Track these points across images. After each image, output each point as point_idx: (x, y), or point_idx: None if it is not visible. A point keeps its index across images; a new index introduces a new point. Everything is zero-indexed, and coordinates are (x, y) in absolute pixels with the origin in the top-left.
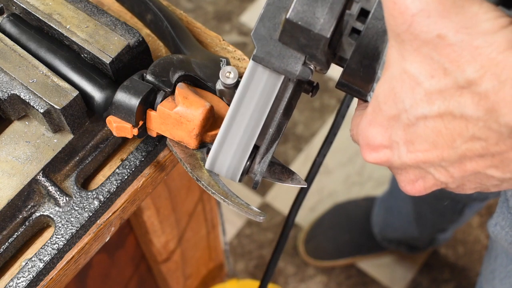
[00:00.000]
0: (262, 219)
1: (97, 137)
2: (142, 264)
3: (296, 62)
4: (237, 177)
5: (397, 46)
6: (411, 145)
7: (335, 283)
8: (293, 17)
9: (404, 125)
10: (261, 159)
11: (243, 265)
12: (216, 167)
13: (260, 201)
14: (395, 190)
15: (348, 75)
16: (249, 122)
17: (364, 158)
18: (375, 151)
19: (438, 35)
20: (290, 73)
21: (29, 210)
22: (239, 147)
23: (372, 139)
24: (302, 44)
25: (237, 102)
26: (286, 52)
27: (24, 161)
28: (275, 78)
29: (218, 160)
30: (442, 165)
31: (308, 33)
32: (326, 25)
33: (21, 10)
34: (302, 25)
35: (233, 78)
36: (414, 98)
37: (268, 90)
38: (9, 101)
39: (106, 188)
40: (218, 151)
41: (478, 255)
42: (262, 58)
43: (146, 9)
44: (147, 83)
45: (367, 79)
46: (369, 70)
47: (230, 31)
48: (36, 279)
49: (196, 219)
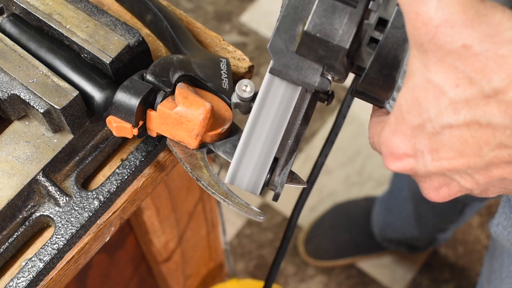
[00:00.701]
0: (262, 219)
1: (97, 137)
2: (142, 264)
3: (314, 74)
4: (258, 190)
5: (419, 56)
6: (436, 153)
7: (335, 283)
8: (311, 29)
9: (429, 134)
10: (281, 171)
11: (243, 265)
12: (236, 181)
13: (260, 201)
14: (395, 190)
15: (367, 84)
16: (268, 135)
17: (387, 167)
18: (398, 160)
19: (463, 45)
20: (308, 85)
21: (29, 210)
22: (259, 160)
23: (396, 148)
24: (320, 55)
25: (255, 115)
26: (304, 63)
27: (24, 161)
28: (293, 90)
29: (238, 174)
30: (468, 172)
31: (327, 45)
32: (344, 36)
33: (21, 10)
34: (320, 37)
35: (249, 92)
36: (439, 108)
37: (285, 102)
38: (9, 101)
39: (106, 188)
40: (238, 165)
41: (478, 255)
42: (280, 70)
43: (146, 9)
44: (147, 83)
45: (386, 88)
46: (389, 79)
47: (230, 31)
48: (36, 279)
49: (196, 219)
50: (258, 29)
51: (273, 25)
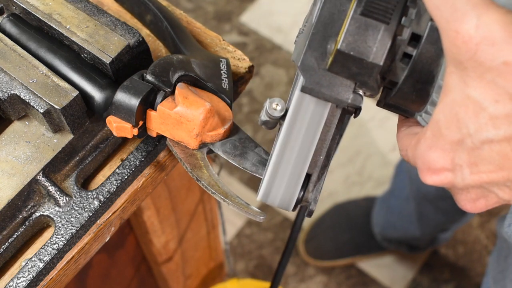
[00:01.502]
0: (262, 219)
1: (97, 137)
2: (142, 264)
3: (347, 90)
4: (291, 207)
5: (458, 73)
6: (475, 167)
7: (335, 283)
8: (345, 47)
9: (468, 148)
10: (313, 187)
11: (243, 265)
12: (269, 199)
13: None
14: (397, 189)
15: (399, 98)
16: (300, 152)
17: (423, 180)
18: (436, 174)
19: (503, 62)
20: (341, 102)
21: (29, 210)
22: (292, 178)
23: (433, 163)
24: (353, 72)
25: (286, 133)
26: (336, 80)
27: (24, 161)
28: (323, 107)
29: (272, 192)
30: (507, 184)
31: (361, 62)
32: (378, 53)
33: (21, 10)
34: (354, 55)
35: (280, 110)
36: (478, 123)
37: (316, 119)
38: (9, 101)
39: (106, 188)
40: (271, 183)
41: (478, 255)
42: (312, 89)
43: (146, 10)
44: (147, 83)
45: (419, 102)
46: (422, 93)
47: (230, 31)
48: (36, 279)
49: (196, 219)
50: (258, 29)
51: (273, 25)
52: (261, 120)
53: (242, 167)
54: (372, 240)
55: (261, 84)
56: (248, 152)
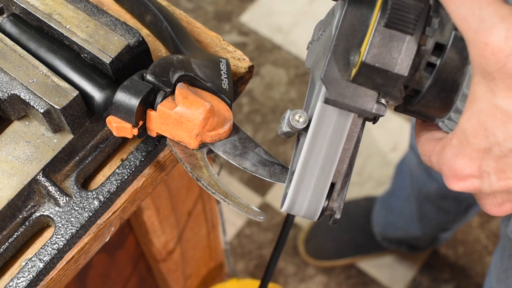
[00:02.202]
0: (262, 219)
1: (97, 137)
2: (142, 264)
3: (370, 100)
4: (316, 217)
5: (486, 83)
6: (503, 173)
7: (335, 283)
8: (370, 59)
9: (496, 156)
10: (338, 196)
11: (243, 265)
12: (294, 210)
13: (260, 201)
14: (397, 189)
15: (422, 106)
16: (323, 162)
17: (449, 187)
18: (462, 181)
19: None
20: (365, 112)
21: (29, 210)
22: (317, 188)
23: (460, 170)
24: (378, 83)
25: (309, 145)
26: (359, 91)
27: (24, 161)
28: (346, 117)
29: (297, 202)
30: None
31: (386, 74)
32: (403, 64)
33: (21, 10)
34: (379, 66)
35: (303, 123)
36: (507, 132)
37: (339, 130)
38: (9, 101)
39: (106, 188)
40: (296, 194)
41: (478, 255)
42: (335, 101)
43: (146, 10)
44: (147, 83)
45: (442, 109)
46: (446, 101)
47: (230, 31)
48: (36, 279)
49: (196, 219)
50: (258, 29)
51: (273, 25)
52: (282, 131)
53: (242, 167)
54: (372, 240)
55: (261, 84)
56: (248, 152)
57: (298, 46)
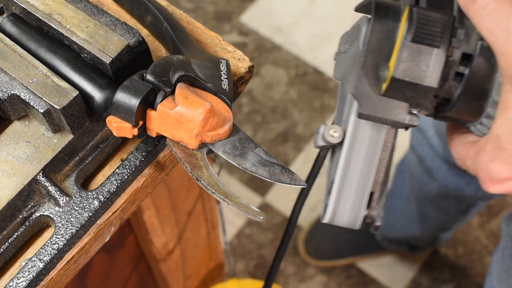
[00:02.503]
0: (262, 219)
1: (97, 137)
2: (142, 264)
3: (402, 112)
4: (357, 226)
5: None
6: None
7: (335, 283)
8: (400, 74)
9: None
10: (376, 204)
11: (243, 265)
12: (336, 220)
13: (260, 201)
14: (397, 189)
15: (454, 113)
16: (361, 173)
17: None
18: (499, 184)
19: None
20: (398, 124)
21: (29, 210)
22: (356, 199)
23: (496, 174)
24: (408, 96)
25: (346, 158)
26: (391, 104)
27: (24, 161)
28: (380, 129)
29: (338, 214)
30: None
31: (416, 87)
32: (432, 76)
33: (21, 10)
34: (409, 80)
35: (338, 138)
36: None
37: (374, 142)
38: (9, 101)
39: (106, 188)
40: (337, 206)
41: (478, 255)
42: (368, 115)
43: (146, 11)
44: (147, 83)
45: (473, 115)
46: (476, 108)
47: (230, 31)
48: (36, 279)
49: (196, 219)
50: (258, 29)
51: (273, 25)
52: (318, 145)
53: (242, 167)
54: (372, 240)
55: (261, 84)
56: (248, 153)
57: (298, 46)
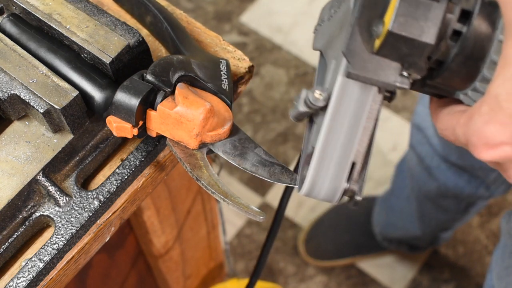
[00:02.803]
0: (262, 219)
1: (97, 137)
2: (142, 263)
3: (394, 73)
4: (336, 199)
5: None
6: None
7: (335, 283)
8: (396, 28)
9: None
10: (358, 176)
11: (243, 265)
12: (314, 193)
13: (260, 201)
14: (397, 189)
15: (445, 78)
16: (345, 140)
17: (478, 157)
18: (493, 149)
19: None
20: (388, 85)
21: (29, 210)
22: (337, 168)
23: (491, 137)
24: (403, 54)
25: (330, 121)
26: (383, 64)
27: (24, 161)
28: (367, 91)
29: (317, 185)
30: None
31: (412, 43)
32: (430, 32)
33: (21, 10)
34: (405, 35)
35: (324, 99)
36: None
37: (360, 105)
38: (9, 101)
39: (106, 188)
40: (316, 176)
41: (478, 255)
42: (358, 74)
43: (146, 11)
44: (147, 83)
45: (467, 80)
46: (473, 70)
47: (230, 31)
48: (36, 279)
49: (196, 219)
50: (258, 29)
51: (273, 25)
52: (298, 111)
53: (242, 167)
54: (372, 240)
55: (261, 84)
56: (248, 153)
57: (298, 46)
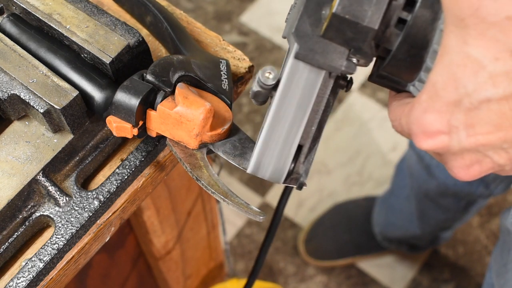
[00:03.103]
0: (262, 219)
1: (97, 137)
2: (142, 263)
3: (340, 57)
4: (282, 179)
5: (457, 32)
6: (472, 128)
7: (335, 283)
8: (340, 11)
9: (466, 109)
10: (305, 159)
11: (243, 265)
12: (260, 171)
13: (260, 201)
14: (397, 189)
15: (392, 66)
16: (292, 121)
17: (418, 146)
18: (431, 138)
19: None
20: (334, 69)
21: (29, 210)
22: (283, 148)
23: (429, 126)
24: (348, 38)
25: (278, 102)
26: (330, 47)
27: (24, 161)
28: (316, 75)
29: (262, 163)
30: (504, 147)
31: (356, 26)
32: (374, 17)
33: (21, 10)
34: (349, 18)
35: (273, 79)
36: (477, 82)
37: (309, 88)
38: (9, 101)
39: (106, 188)
40: (262, 155)
41: (478, 255)
42: (306, 55)
43: (146, 11)
44: (147, 83)
45: (413, 69)
46: (417, 59)
47: (230, 31)
48: (36, 279)
49: (196, 219)
50: (258, 29)
51: (273, 25)
52: (253, 91)
53: (242, 167)
54: (372, 240)
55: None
56: (248, 152)
57: None
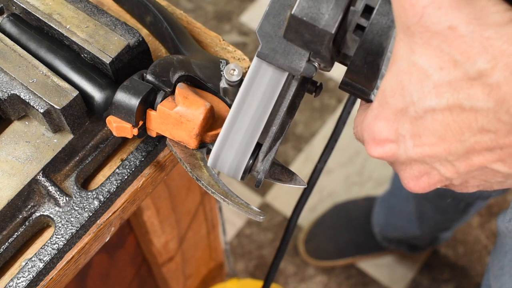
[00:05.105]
0: (262, 219)
1: (97, 137)
2: (142, 264)
3: (301, 59)
4: (239, 175)
5: (405, 40)
6: (418, 138)
7: (335, 283)
8: (298, 13)
9: (411, 118)
10: (264, 157)
11: (243, 265)
12: (218, 165)
13: (260, 201)
14: (396, 189)
15: (352, 73)
16: (252, 119)
17: (369, 153)
18: (380, 146)
19: (449, 27)
20: (294, 70)
21: (29, 210)
22: (242, 144)
23: (378, 133)
24: (306, 40)
25: (240, 98)
26: (291, 49)
27: (24, 161)
28: (279, 75)
29: (221, 157)
30: (449, 159)
31: (313, 29)
32: (331, 21)
33: (21, 10)
34: (307, 20)
35: (237, 75)
36: (422, 91)
37: (271, 87)
38: (9, 101)
39: (106, 188)
40: (221, 148)
41: (478, 255)
42: (267, 54)
43: (146, 11)
44: (147, 83)
45: (371, 77)
46: (373, 67)
47: (230, 31)
48: (36, 279)
49: (196, 219)
50: None
51: None
52: (221, 87)
53: None
54: (372, 240)
55: None
56: None
57: None
